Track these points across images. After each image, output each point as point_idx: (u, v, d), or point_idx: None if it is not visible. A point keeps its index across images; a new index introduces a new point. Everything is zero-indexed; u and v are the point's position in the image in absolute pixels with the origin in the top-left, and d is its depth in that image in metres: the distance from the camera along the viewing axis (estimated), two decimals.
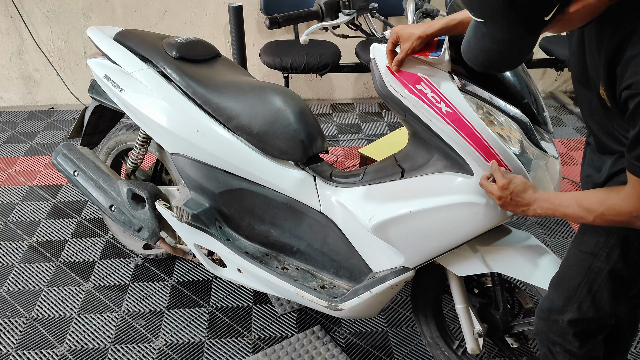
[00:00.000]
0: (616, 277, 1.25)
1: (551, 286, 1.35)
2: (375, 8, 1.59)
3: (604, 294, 1.26)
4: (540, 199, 1.23)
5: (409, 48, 1.34)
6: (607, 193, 1.12)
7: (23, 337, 2.04)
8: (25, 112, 3.89)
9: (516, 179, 1.27)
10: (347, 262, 1.74)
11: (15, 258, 2.44)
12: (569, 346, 1.33)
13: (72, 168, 2.19)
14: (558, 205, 1.19)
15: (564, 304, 1.30)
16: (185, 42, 1.97)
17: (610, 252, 1.22)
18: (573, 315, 1.29)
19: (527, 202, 1.24)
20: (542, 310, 1.36)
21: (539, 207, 1.23)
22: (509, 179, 1.27)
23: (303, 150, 1.74)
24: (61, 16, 3.70)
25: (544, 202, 1.22)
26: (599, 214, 1.11)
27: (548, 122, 1.47)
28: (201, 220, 1.87)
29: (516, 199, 1.26)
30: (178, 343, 2.03)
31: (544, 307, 1.35)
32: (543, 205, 1.22)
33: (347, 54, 3.58)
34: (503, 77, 1.41)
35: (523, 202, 1.25)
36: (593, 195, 1.14)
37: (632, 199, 1.06)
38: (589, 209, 1.13)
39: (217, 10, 3.74)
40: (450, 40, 1.37)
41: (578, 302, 1.28)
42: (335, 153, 3.34)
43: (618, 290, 1.27)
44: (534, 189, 1.25)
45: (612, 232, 1.21)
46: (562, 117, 3.86)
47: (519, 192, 1.25)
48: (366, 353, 2.00)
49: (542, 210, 1.22)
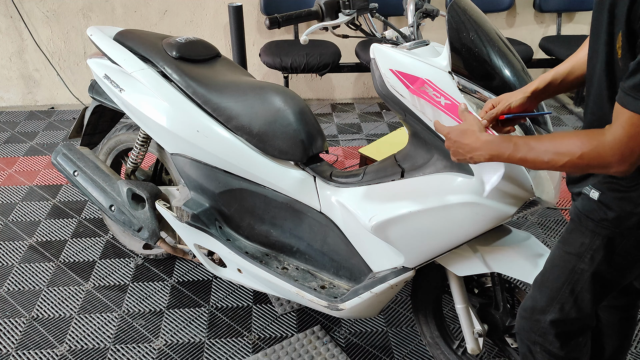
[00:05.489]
0: (599, 279, 1.23)
1: (535, 285, 1.34)
2: (375, 8, 1.59)
3: (586, 295, 1.25)
4: (489, 142, 1.15)
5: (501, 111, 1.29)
6: (589, 134, 1.03)
7: (23, 337, 2.04)
8: (25, 112, 3.89)
9: (459, 126, 1.22)
10: (347, 262, 1.74)
11: (15, 258, 2.44)
12: (549, 346, 1.32)
13: (72, 168, 2.19)
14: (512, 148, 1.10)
15: (547, 304, 1.29)
16: (185, 42, 1.97)
17: (594, 254, 1.20)
18: (555, 315, 1.28)
19: (471, 148, 1.18)
20: (525, 309, 1.35)
21: (486, 151, 1.15)
22: (449, 128, 1.22)
23: (303, 150, 1.74)
24: (61, 16, 3.70)
25: (491, 145, 1.14)
26: (577, 157, 1.02)
27: (548, 122, 1.47)
28: (201, 220, 1.87)
29: (459, 147, 1.21)
30: (178, 343, 2.03)
31: (527, 306, 1.34)
32: (492, 148, 1.14)
33: (347, 54, 3.58)
34: (503, 77, 1.41)
35: (467, 148, 1.19)
36: (568, 136, 1.04)
37: (618, 141, 0.98)
38: (560, 152, 1.04)
39: (217, 10, 3.75)
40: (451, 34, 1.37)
41: (560, 303, 1.28)
42: (335, 153, 3.34)
43: (599, 292, 1.26)
44: (479, 132, 1.18)
45: (598, 234, 1.19)
46: (562, 117, 3.86)
47: (459, 137, 1.20)
48: (366, 353, 2.00)
49: (489, 155, 1.15)
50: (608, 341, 1.51)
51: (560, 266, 1.27)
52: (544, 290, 1.31)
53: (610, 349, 1.51)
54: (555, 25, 3.86)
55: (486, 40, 1.41)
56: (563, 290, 1.27)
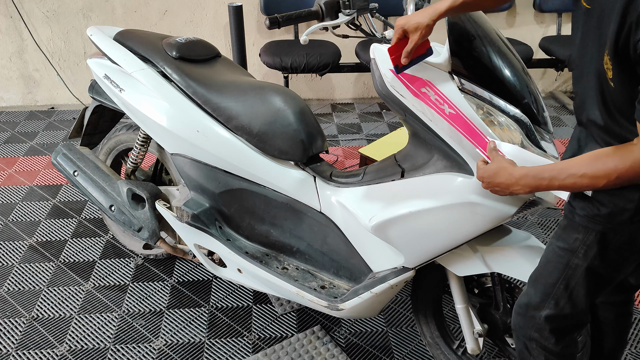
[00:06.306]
0: (592, 274, 1.24)
1: (529, 282, 1.35)
2: (375, 8, 1.59)
3: (581, 290, 1.26)
4: (522, 177, 1.16)
5: (418, 38, 1.31)
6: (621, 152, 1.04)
7: (23, 337, 2.04)
8: (25, 112, 3.89)
9: (488, 167, 1.23)
10: (347, 262, 1.74)
11: (15, 258, 2.44)
12: (545, 342, 1.33)
13: (72, 168, 2.19)
14: (547, 180, 1.12)
15: (542, 300, 1.31)
16: (185, 42, 1.97)
17: (588, 249, 1.22)
18: (550, 311, 1.30)
19: (507, 185, 1.19)
20: (520, 305, 1.36)
21: (522, 187, 1.17)
22: (481, 171, 1.24)
23: (303, 150, 1.74)
24: (61, 16, 3.70)
25: (526, 180, 1.16)
26: (614, 177, 1.04)
27: (548, 122, 1.47)
28: (201, 220, 1.87)
29: (495, 186, 1.22)
30: (178, 343, 2.03)
31: (522, 302, 1.35)
32: (527, 183, 1.16)
33: (347, 54, 3.58)
34: (503, 77, 1.41)
35: (503, 185, 1.20)
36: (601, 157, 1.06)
37: None
38: (597, 175, 1.06)
39: (217, 10, 3.75)
40: (451, 34, 1.37)
41: (555, 299, 1.29)
42: (335, 153, 3.34)
43: (593, 287, 1.27)
44: (511, 169, 1.19)
45: (591, 229, 1.20)
46: (562, 117, 3.86)
47: (492, 178, 1.22)
48: (366, 353, 2.00)
49: (529, 189, 1.17)
50: (606, 338, 1.52)
51: (554, 262, 1.28)
52: (538, 287, 1.32)
53: (608, 345, 1.52)
54: (555, 25, 3.86)
55: (486, 40, 1.41)
56: (557, 285, 1.28)
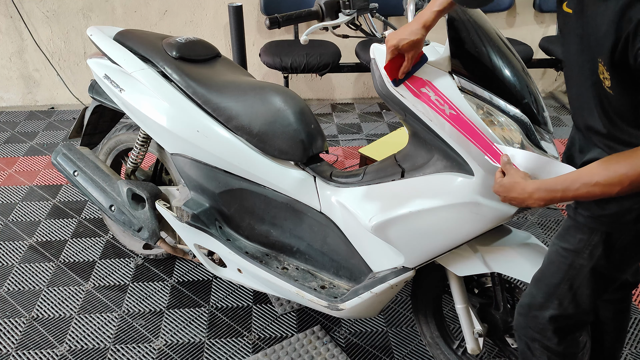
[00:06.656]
0: (597, 274, 1.24)
1: (532, 282, 1.35)
2: (376, 8, 1.59)
3: (585, 290, 1.26)
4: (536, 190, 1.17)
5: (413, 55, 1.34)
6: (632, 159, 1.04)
7: (23, 337, 2.04)
8: (25, 112, 3.89)
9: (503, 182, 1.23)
10: (347, 262, 1.74)
11: (15, 258, 2.44)
12: (547, 342, 1.33)
13: (72, 168, 2.19)
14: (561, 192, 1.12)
15: (545, 300, 1.31)
16: (185, 42, 1.97)
17: (593, 249, 1.22)
18: (553, 311, 1.30)
19: (522, 198, 1.19)
20: (522, 306, 1.36)
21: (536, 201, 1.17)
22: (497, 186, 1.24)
23: (303, 150, 1.74)
24: (61, 16, 3.70)
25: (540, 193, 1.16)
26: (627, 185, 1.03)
27: (548, 122, 1.47)
28: (201, 220, 1.87)
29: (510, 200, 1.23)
30: (178, 343, 2.03)
31: (524, 303, 1.36)
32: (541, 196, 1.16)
33: (347, 54, 3.58)
34: (503, 77, 1.41)
35: (517, 200, 1.21)
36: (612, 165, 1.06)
37: None
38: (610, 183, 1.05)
39: (217, 10, 3.75)
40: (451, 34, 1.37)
41: (559, 299, 1.29)
42: (335, 153, 3.34)
43: (598, 287, 1.27)
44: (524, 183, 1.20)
45: (596, 230, 1.20)
46: (562, 117, 3.86)
47: (506, 193, 1.22)
48: (366, 353, 2.00)
49: (543, 203, 1.17)
50: (605, 336, 1.52)
51: (557, 262, 1.28)
52: (541, 287, 1.32)
53: (608, 343, 1.53)
54: (555, 25, 3.85)
55: (486, 40, 1.41)
56: (561, 286, 1.28)
